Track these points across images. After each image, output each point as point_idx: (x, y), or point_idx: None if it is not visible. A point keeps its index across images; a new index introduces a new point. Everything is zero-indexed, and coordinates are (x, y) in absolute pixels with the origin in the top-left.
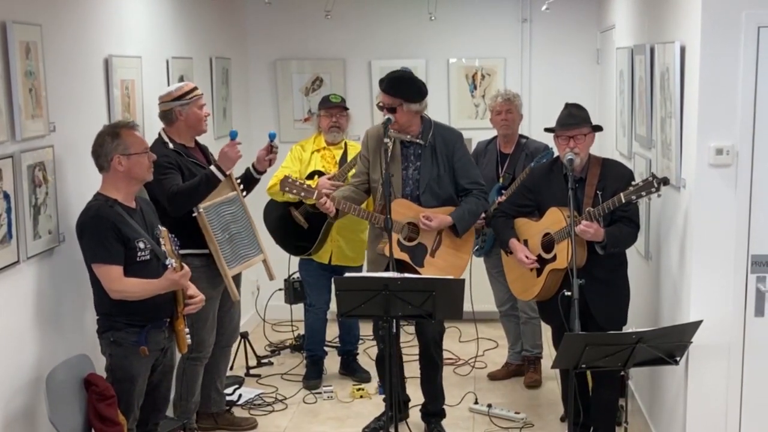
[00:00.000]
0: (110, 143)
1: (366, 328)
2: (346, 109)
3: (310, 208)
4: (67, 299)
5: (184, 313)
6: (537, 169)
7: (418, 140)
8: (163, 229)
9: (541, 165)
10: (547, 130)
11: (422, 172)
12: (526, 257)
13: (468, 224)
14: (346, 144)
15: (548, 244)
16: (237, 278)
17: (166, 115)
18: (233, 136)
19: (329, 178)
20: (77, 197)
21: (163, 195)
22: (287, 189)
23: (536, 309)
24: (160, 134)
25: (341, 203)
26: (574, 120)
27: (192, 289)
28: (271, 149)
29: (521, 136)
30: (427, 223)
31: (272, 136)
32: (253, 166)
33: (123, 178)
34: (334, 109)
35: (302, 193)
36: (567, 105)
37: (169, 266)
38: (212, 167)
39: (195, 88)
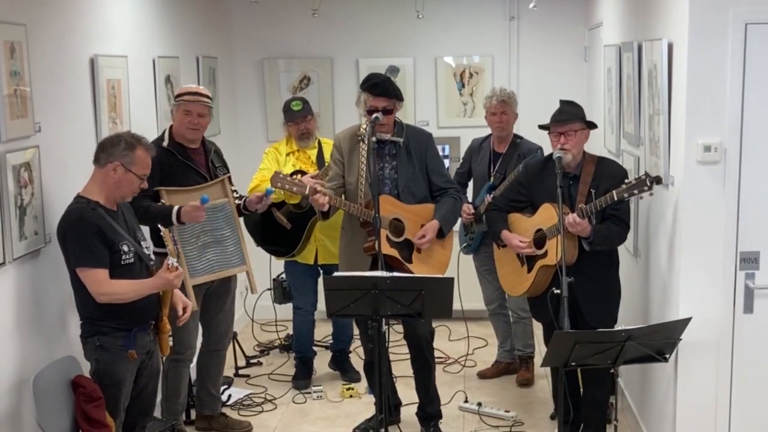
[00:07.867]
0: (121, 148)
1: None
2: (311, 113)
3: (293, 208)
4: (52, 301)
5: (180, 324)
6: (531, 165)
7: (397, 138)
8: (164, 229)
9: (535, 161)
10: (540, 127)
11: (400, 171)
12: (521, 242)
13: (451, 224)
14: (319, 142)
15: (540, 240)
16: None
17: (171, 111)
18: (204, 201)
19: (312, 177)
20: (63, 198)
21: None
22: (279, 185)
23: (527, 309)
24: (165, 128)
25: (332, 198)
26: (565, 116)
27: (183, 299)
28: (261, 200)
29: (516, 136)
30: (423, 241)
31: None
32: (245, 202)
33: (109, 184)
34: (298, 118)
35: (294, 189)
36: (561, 102)
37: (171, 265)
38: (174, 212)
39: (189, 93)
